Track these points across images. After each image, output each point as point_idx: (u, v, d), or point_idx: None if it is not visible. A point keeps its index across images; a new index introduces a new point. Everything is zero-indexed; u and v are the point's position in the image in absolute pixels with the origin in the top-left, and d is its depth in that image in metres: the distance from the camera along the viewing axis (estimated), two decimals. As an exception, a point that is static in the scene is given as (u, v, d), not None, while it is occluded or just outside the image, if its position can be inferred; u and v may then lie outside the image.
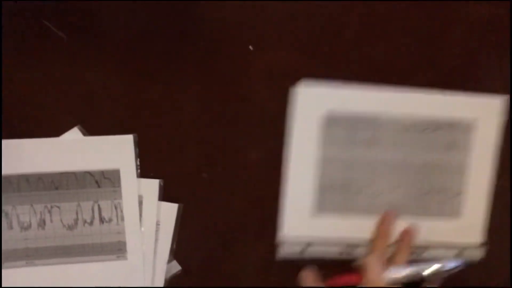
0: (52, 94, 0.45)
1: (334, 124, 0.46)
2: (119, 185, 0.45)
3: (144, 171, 0.46)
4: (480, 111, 0.47)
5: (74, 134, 0.45)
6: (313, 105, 0.46)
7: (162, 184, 0.46)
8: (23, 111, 0.45)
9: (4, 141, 0.44)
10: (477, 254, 0.49)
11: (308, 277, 0.46)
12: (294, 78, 0.45)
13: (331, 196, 0.47)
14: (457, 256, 0.48)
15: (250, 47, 0.46)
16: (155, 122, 0.46)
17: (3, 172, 0.44)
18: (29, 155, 0.44)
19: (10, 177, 0.44)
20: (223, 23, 0.46)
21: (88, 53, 0.45)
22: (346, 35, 0.46)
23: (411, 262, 0.44)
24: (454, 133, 0.47)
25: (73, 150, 0.45)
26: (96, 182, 0.45)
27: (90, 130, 0.45)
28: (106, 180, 0.45)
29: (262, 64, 0.46)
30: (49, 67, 0.44)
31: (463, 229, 0.49)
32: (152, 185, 0.46)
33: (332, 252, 0.48)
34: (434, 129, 0.47)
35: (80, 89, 0.45)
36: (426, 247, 0.48)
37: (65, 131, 0.45)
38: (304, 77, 0.45)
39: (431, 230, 0.48)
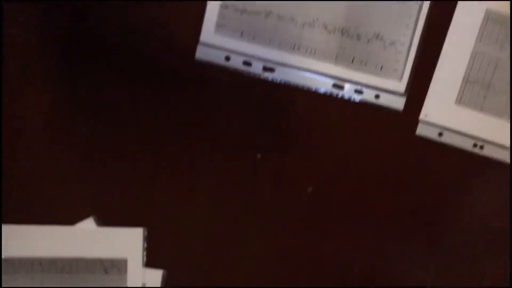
0: (71, 184, 0.48)
1: (493, 23, 0.48)
2: (125, 273, 0.49)
3: (150, 260, 0.50)
4: None
5: (88, 224, 0.48)
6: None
7: (165, 274, 0.50)
8: (46, 198, 0.48)
9: (23, 226, 0.47)
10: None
11: None
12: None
13: (474, 90, 0.49)
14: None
15: (258, 156, 0.49)
16: (166, 214, 0.50)
17: (19, 255, 0.47)
18: (46, 240, 0.48)
19: (25, 260, 0.48)
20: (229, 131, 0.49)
21: (106, 145, 0.48)
22: None
23: None
24: None
25: (86, 239, 0.48)
26: (105, 269, 0.49)
27: (103, 219, 0.49)
28: (114, 268, 0.49)
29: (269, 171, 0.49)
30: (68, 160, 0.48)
31: None
32: (156, 275, 0.50)
33: (466, 142, 0.50)
34: None
35: (97, 181, 0.49)
36: None
37: (81, 219, 0.48)
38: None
39: None
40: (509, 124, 0.50)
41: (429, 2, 0.47)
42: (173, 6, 0.47)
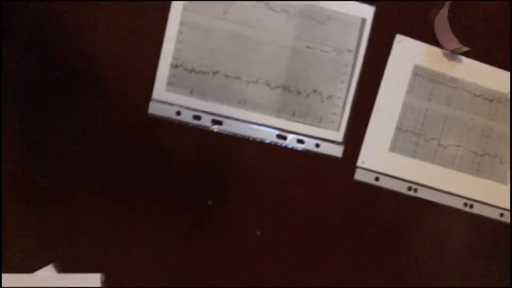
0: (31, 233, 0.51)
1: (420, 76, 0.53)
2: (84, 317, 0.51)
3: (108, 303, 0.52)
4: None
5: (48, 271, 0.51)
6: (407, 55, 0.53)
7: (122, 317, 0.52)
8: (5, 246, 0.51)
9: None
10: None
11: None
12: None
13: (406, 138, 0.54)
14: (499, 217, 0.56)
15: (210, 202, 0.53)
16: (123, 260, 0.52)
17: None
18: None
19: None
20: (181, 180, 0.53)
21: (63, 193, 0.51)
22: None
23: None
24: None
25: (47, 286, 0.51)
26: (64, 314, 0.51)
27: (63, 266, 0.51)
28: (73, 313, 0.51)
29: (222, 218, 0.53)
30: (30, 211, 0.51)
31: (507, 195, 0.56)
32: (114, 318, 0.52)
33: (401, 186, 0.54)
34: (500, 101, 0.55)
35: (56, 229, 0.51)
36: (474, 202, 0.55)
37: (41, 267, 0.51)
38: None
39: (480, 189, 0.55)
40: (439, 167, 0.54)
41: (362, 59, 0.52)
42: (128, 64, 0.50)
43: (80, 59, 0.50)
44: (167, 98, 0.51)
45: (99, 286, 0.52)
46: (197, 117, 0.51)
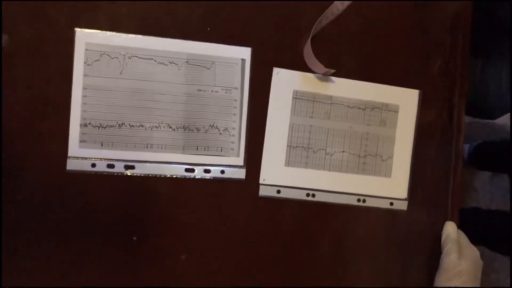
0: None
1: (300, 99, 0.62)
2: None
3: None
4: (404, 98, 0.66)
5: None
6: (286, 83, 0.62)
7: None
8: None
9: None
10: (404, 206, 0.66)
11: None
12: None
13: (297, 153, 0.62)
14: (390, 206, 0.66)
15: (134, 238, 0.59)
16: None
17: None
18: None
19: None
20: (106, 223, 0.59)
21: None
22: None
23: None
24: (386, 112, 0.65)
25: None
26: None
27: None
28: None
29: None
30: None
31: (393, 186, 0.66)
32: None
33: (300, 194, 0.62)
34: (371, 108, 0.64)
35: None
36: (366, 197, 0.65)
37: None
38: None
39: (368, 185, 0.65)
40: (330, 172, 0.63)
41: (248, 93, 0.61)
42: (41, 132, 0.57)
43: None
44: (81, 153, 0.58)
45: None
46: (111, 165, 0.58)
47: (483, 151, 1.40)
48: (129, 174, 0.59)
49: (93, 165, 0.58)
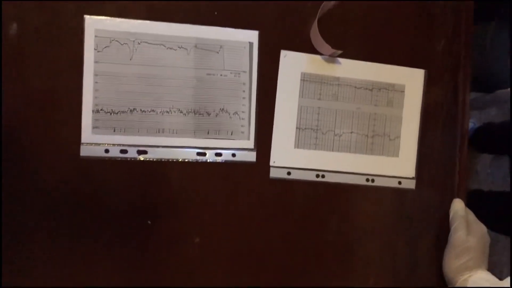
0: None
1: (308, 81, 0.63)
2: None
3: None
4: (409, 78, 0.66)
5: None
6: (294, 66, 0.62)
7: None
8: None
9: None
10: (412, 185, 0.67)
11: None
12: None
13: (306, 135, 0.63)
14: (398, 184, 0.67)
15: (149, 222, 0.60)
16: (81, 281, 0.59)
17: None
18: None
19: None
20: (121, 207, 0.60)
21: (18, 241, 0.58)
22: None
23: None
24: (392, 93, 0.66)
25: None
26: None
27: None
28: None
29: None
30: None
31: (400, 166, 0.67)
32: None
33: (310, 175, 0.63)
34: (378, 89, 0.65)
35: (12, 273, 0.58)
36: (374, 177, 0.66)
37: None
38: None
39: (377, 165, 0.66)
40: (339, 153, 0.64)
41: (256, 76, 0.61)
42: (55, 120, 0.57)
43: (10, 121, 0.56)
44: (95, 139, 0.58)
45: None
46: (124, 151, 0.59)
47: (484, 134, 1.42)
48: (142, 159, 0.59)
49: (107, 151, 0.59)
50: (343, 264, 0.65)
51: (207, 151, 0.61)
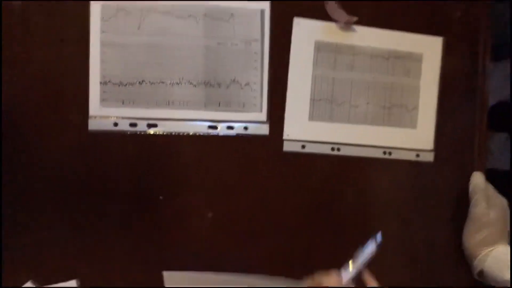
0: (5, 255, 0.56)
1: (322, 50, 0.60)
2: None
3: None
4: (427, 46, 0.63)
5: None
6: (307, 34, 0.60)
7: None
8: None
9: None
10: (430, 158, 0.64)
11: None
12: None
13: (321, 106, 0.61)
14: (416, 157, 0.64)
15: (161, 197, 0.59)
16: (92, 263, 0.58)
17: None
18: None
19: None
20: (130, 183, 0.59)
21: (29, 215, 0.57)
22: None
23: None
24: (409, 62, 0.63)
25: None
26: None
27: (40, 280, 0.57)
28: (58, 320, 0.57)
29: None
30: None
31: (418, 138, 0.64)
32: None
33: (325, 148, 0.61)
34: (395, 58, 0.62)
35: (26, 248, 0.57)
36: (392, 149, 0.63)
37: (21, 283, 0.56)
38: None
39: (394, 137, 0.63)
40: (355, 125, 0.62)
41: (268, 45, 0.59)
42: (61, 91, 0.56)
43: (13, 96, 0.55)
44: (103, 112, 0.56)
45: (76, 291, 0.57)
46: (133, 124, 0.57)
47: (499, 112, 1.38)
48: (151, 132, 0.58)
49: (115, 124, 0.57)
50: (359, 239, 0.64)
51: (218, 124, 0.59)
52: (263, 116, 0.60)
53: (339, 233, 0.63)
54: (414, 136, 0.64)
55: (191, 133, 0.58)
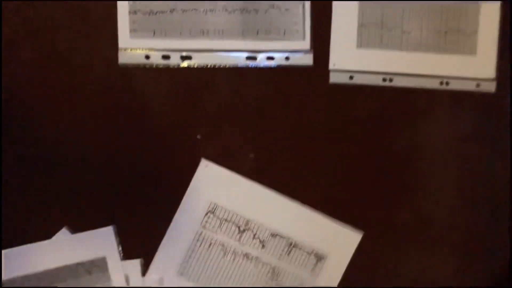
0: (39, 201, 0.53)
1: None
2: (107, 270, 0.54)
3: (126, 253, 0.55)
4: None
5: (63, 234, 0.53)
6: None
7: (143, 262, 0.55)
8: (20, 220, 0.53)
9: (5, 251, 0.52)
10: (492, 88, 0.57)
11: None
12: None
13: (370, 32, 0.55)
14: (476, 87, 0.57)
15: (198, 136, 0.54)
16: (128, 208, 0.55)
17: (7, 277, 0.52)
18: (27, 259, 0.52)
19: (14, 280, 0.52)
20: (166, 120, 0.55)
21: (63, 160, 0.53)
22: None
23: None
24: None
25: (64, 248, 0.53)
26: (88, 271, 0.53)
27: (75, 227, 0.54)
28: (95, 268, 0.54)
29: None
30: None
31: (479, 65, 0.57)
32: (135, 265, 0.55)
33: (376, 79, 0.56)
34: None
35: (63, 193, 0.54)
36: (449, 79, 0.56)
37: (55, 231, 0.53)
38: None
39: (451, 65, 0.56)
40: (408, 53, 0.56)
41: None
42: (89, 21, 0.52)
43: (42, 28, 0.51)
44: (133, 44, 0.52)
45: (114, 237, 0.54)
46: (166, 57, 0.53)
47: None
48: (186, 65, 0.53)
49: (147, 57, 0.53)
50: (412, 178, 0.58)
51: (257, 55, 0.54)
52: (306, 44, 0.54)
53: (391, 173, 0.57)
54: (474, 63, 0.57)
55: (228, 66, 0.54)
